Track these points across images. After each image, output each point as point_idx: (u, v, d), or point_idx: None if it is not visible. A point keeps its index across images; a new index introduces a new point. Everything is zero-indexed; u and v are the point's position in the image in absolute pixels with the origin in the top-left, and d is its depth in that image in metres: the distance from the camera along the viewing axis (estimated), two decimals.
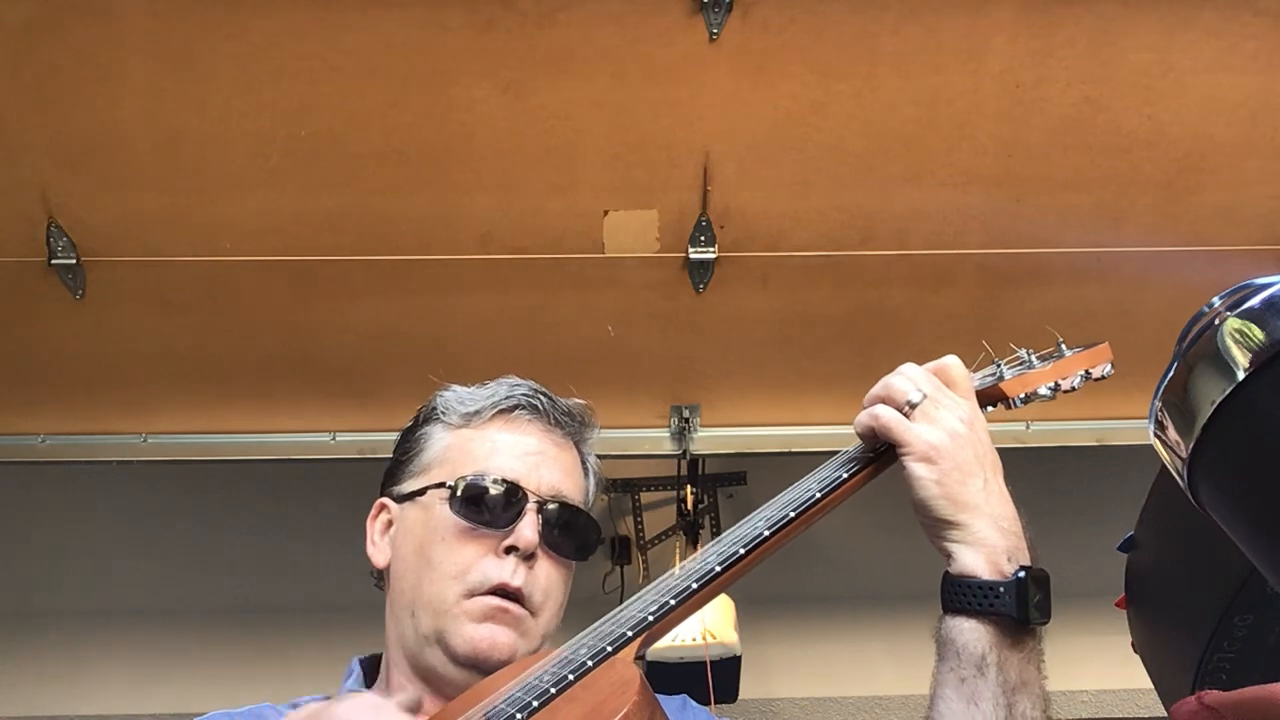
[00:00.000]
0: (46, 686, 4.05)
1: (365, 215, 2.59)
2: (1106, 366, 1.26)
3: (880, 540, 3.80)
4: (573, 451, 1.30)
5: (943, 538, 1.05)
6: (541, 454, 1.24)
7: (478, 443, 1.24)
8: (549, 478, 1.23)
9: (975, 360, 1.24)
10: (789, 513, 1.05)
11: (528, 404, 1.27)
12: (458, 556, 1.17)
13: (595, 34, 2.27)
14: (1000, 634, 1.00)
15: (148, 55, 2.28)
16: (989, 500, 1.04)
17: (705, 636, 3.44)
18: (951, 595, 1.02)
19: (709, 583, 1.01)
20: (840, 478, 1.09)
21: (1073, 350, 1.26)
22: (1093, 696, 3.98)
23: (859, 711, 4.20)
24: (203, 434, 3.13)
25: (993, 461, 1.08)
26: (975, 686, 0.98)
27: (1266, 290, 0.72)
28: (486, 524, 1.18)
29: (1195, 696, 0.87)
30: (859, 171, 2.53)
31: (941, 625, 1.03)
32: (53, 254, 2.59)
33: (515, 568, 1.17)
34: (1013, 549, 1.03)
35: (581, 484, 1.29)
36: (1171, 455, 0.77)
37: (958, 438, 1.06)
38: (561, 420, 1.29)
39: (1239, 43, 2.30)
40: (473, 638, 1.14)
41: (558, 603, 1.22)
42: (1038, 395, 1.21)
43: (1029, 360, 1.24)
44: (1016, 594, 1.00)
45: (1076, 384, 1.23)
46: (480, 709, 0.93)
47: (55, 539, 3.87)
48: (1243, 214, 2.62)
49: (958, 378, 1.13)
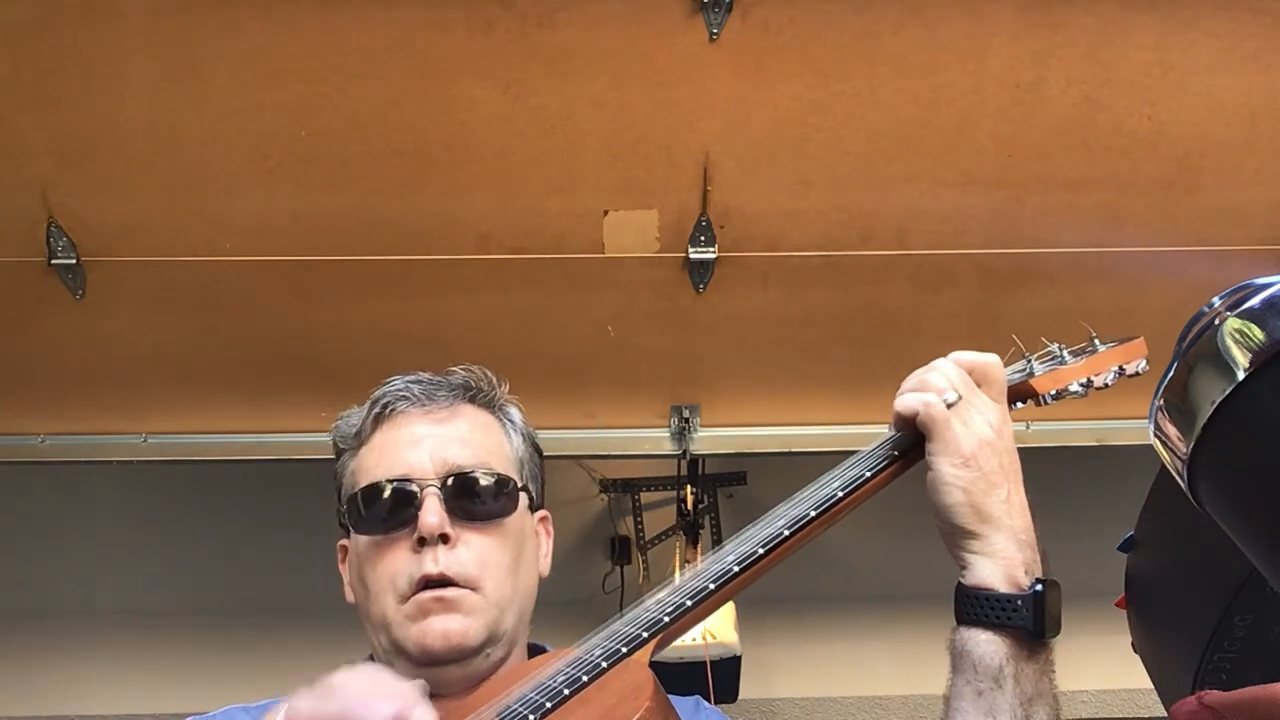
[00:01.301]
0: (46, 686, 4.05)
1: (365, 215, 2.58)
2: (1141, 362, 1.22)
3: (880, 540, 3.80)
4: (467, 416, 1.26)
5: (960, 547, 1.04)
6: (424, 438, 1.22)
7: (368, 456, 1.23)
8: (439, 456, 1.20)
9: (1006, 354, 1.20)
10: (810, 512, 1.03)
11: (397, 397, 1.25)
12: (381, 569, 1.17)
13: (595, 34, 2.27)
14: (1017, 647, 1.00)
15: (148, 55, 2.28)
16: (1010, 513, 1.04)
17: (705, 636, 3.44)
18: (968, 607, 1.02)
19: (726, 583, 0.99)
20: (864, 476, 1.06)
21: (1106, 345, 1.23)
22: (1093, 696, 3.98)
23: (859, 711, 4.20)
24: (203, 434, 3.12)
25: (1016, 470, 1.07)
26: (993, 699, 0.98)
27: (1266, 290, 0.72)
28: (391, 528, 1.17)
29: (1195, 696, 0.87)
30: (859, 171, 2.53)
31: (956, 636, 1.02)
32: (53, 254, 2.59)
33: (432, 555, 1.15)
34: (1029, 562, 1.03)
35: (486, 442, 1.25)
36: (1171, 455, 0.77)
37: (986, 445, 1.05)
38: (437, 395, 1.25)
39: (1239, 43, 2.30)
40: (419, 637, 1.13)
41: (502, 566, 1.18)
42: (1069, 392, 1.18)
43: (1060, 355, 1.21)
44: (1034, 608, 1.00)
45: (1110, 380, 1.20)
46: (493, 708, 0.92)
47: (55, 539, 3.87)
48: (1243, 214, 2.62)
49: (995, 379, 1.11)
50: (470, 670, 1.13)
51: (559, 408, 3.02)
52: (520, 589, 1.21)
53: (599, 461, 3.69)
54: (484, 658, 1.16)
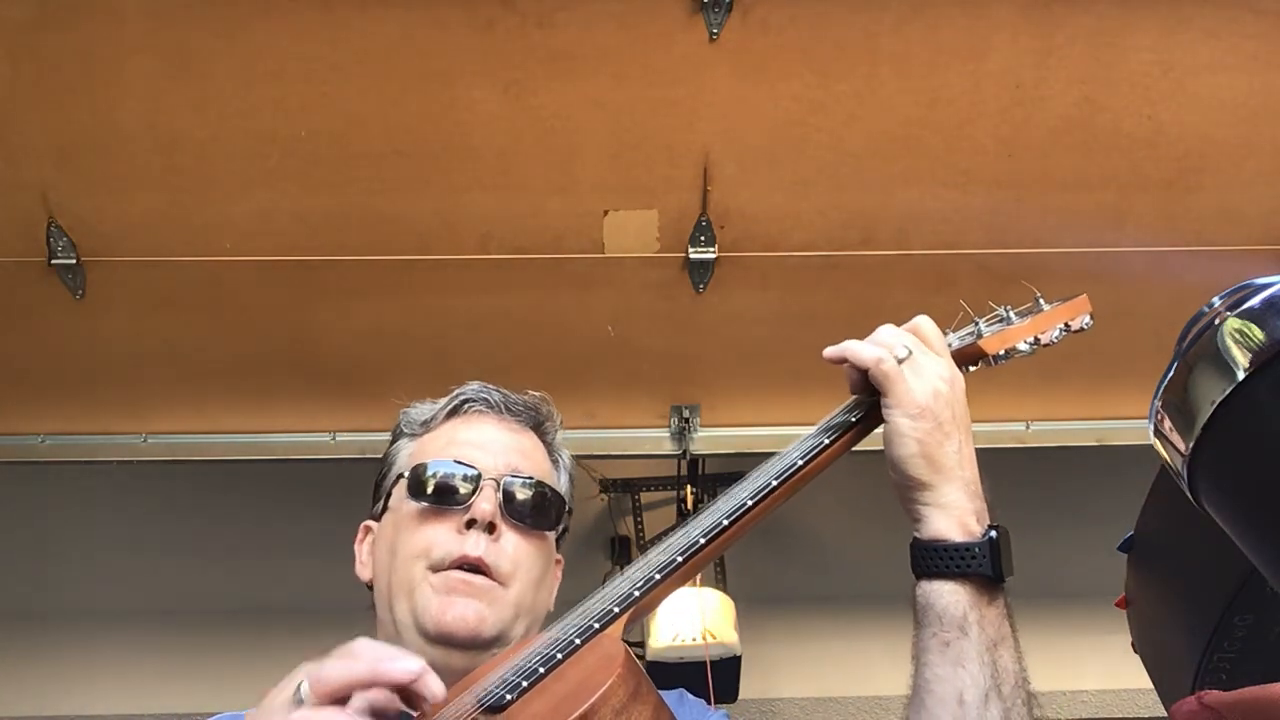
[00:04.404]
0: (46, 686, 4.05)
1: (365, 215, 2.59)
2: (1085, 318, 1.25)
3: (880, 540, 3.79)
4: (531, 437, 1.32)
5: (914, 500, 1.06)
6: (495, 439, 1.28)
7: (435, 441, 1.29)
8: (504, 458, 1.25)
9: (954, 320, 1.24)
10: (771, 482, 1.06)
11: (478, 399, 1.31)
12: (420, 537, 1.20)
13: (595, 34, 2.27)
14: (977, 593, 1.01)
15: (148, 55, 2.28)
16: (961, 463, 1.06)
17: (705, 636, 3.44)
18: (926, 560, 1.03)
19: (692, 556, 1.02)
20: (822, 443, 1.09)
21: (1051, 304, 1.26)
22: (1093, 696, 3.98)
23: (859, 711, 4.20)
24: (203, 434, 3.13)
25: (966, 422, 1.09)
26: (960, 648, 0.99)
27: (1266, 290, 0.72)
28: (445, 504, 1.21)
29: (1195, 696, 0.87)
30: (859, 171, 2.53)
31: (917, 591, 1.04)
32: (53, 254, 2.59)
33: (476, 539, 1.18)
34: (979, 511, 1.05)
35: (543, 466, 1.31)
36: (1171, 455, 0.77)
37: (939, 396, 1.08)
38: (514, 409, 1.32)
39: (1239, 43, 2.30)
40: (438, 610, 1.15)
41: (531, 574, 1.22)
42: (1017, 351, 1.21)
43: (1008, 317, 1.24)
44: (991, 553, 1.02)
45: (1056, 337, 1.23)
46: (472, 692, 0.93)
47: (55, 539, 3.87)
48: (1243, 214, 2.62)
49: (930, 335, 1.14)
50: (470, 664, 1.14)
51: (559, 408, 3.01)
52: (538, 604, 1.25)
53: (599, 461, 3.69)
54: (489, 656, 1.17)
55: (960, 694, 0.98)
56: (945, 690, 0.98)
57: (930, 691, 0.99)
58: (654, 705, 0.87)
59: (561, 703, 0.85)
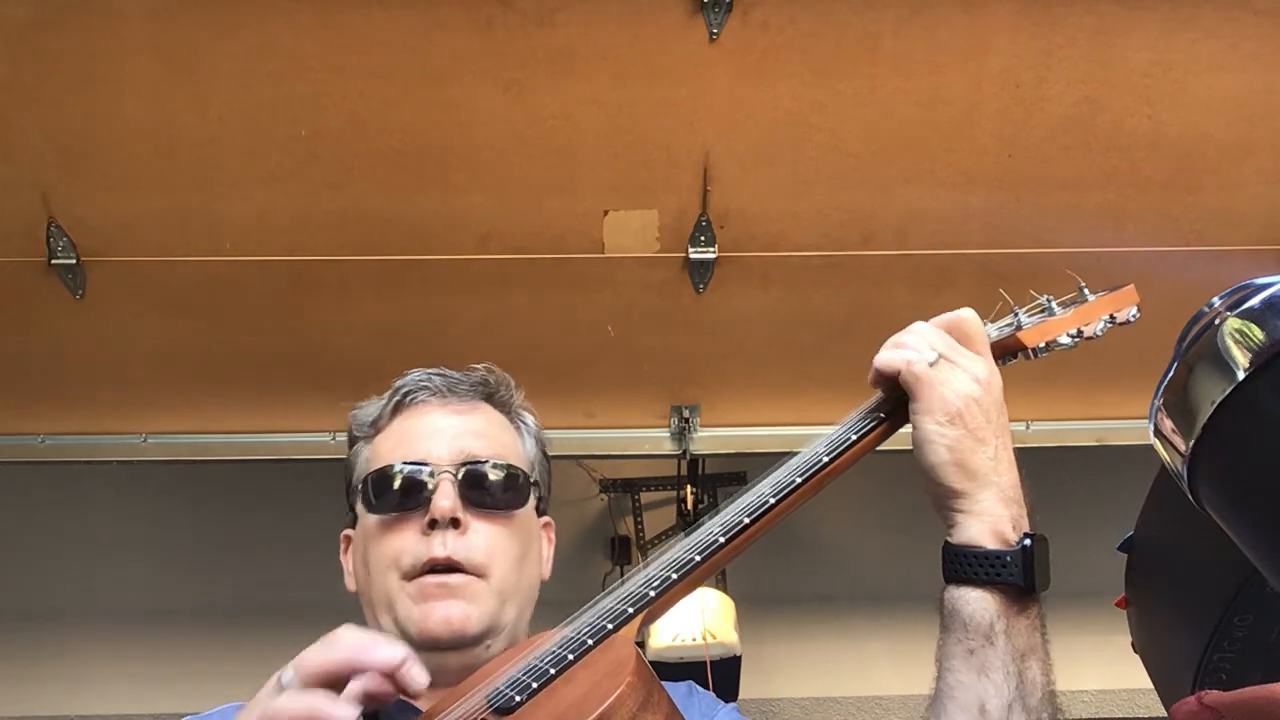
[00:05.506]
0: (46, 686, 4.05)
1: (365, 215, 2.58)
2: (1132, 310, 1.18)
3: (880, 540, 3.80)
4: (485, 411, 1.28)
5: (947, 505, 1.03)
6: (444, 427, 1.23)
7: (385, 442, 1.25)
8: (456, 444, 1.21)
9: (993, 310, 1.18)
10: (795, 479, 1.01)
11: (419, 388, 1.26)
12: (387, 547, 1.18)
13: (595, 34, 2.27)
14: (1007, 603, 0.99)
15: (148, 55, 2.28)
16: (997, 469, 1.02)
17: (705, 636, 3.44)
18: (956, 566, 1.00)
19: (711, 555, 0.97)
20: (849, 439, 1.05)
21: (1096, 294, 1.20)
22: (1093, 696, 3.98)
23: (859, 711, 4.20)
24: (203, 434, 3.13)
25: (1004, 424, 1.05)
26: (985, 657, 0.97)
27: (1266, 290, 0.72)
28: (403, 510, 1.18)
29: (1195, 696, 0.87)
30: (859, 171, 2.53)
31: (945, 596, 1.01)
32: (53, 254, 2.59)
33: (441, 539, 1.16)
34: (1016, 517, 1.02)
35: (502, 439, 1.27)
36: (1171, 455, 0.76)
37: (972, 401, 1.03)
38: (459, 390, 1.27)
39: (1239, 43, 2.30)
40: (420, 619, 1.14)
41: (509, 556, 1.19)
42: (1058, 344, 1.15)
43: (1050, 307, 1.18)
44: (1023, 563, 0.99)
45: (1100, 330, 1.16)
46: (481, 691, 0.92)
47: (55, 539, 3.87)
48: (1243, 214, 2.62)
49: (972, 332, 1.10)
50: (469, 660, 1.13)
51: (559, 408, 3.02)
52: (524, 584, 1.22)
53: (599, 461, 3.69)
54: (484, 649, 1.16)
55: (982, 703, 0.96)
56: (967, 697, 0.97)
57: (952, 698, 0.98)
58: (665, 715, 0.85)
59: (570, 709, 0.83)
